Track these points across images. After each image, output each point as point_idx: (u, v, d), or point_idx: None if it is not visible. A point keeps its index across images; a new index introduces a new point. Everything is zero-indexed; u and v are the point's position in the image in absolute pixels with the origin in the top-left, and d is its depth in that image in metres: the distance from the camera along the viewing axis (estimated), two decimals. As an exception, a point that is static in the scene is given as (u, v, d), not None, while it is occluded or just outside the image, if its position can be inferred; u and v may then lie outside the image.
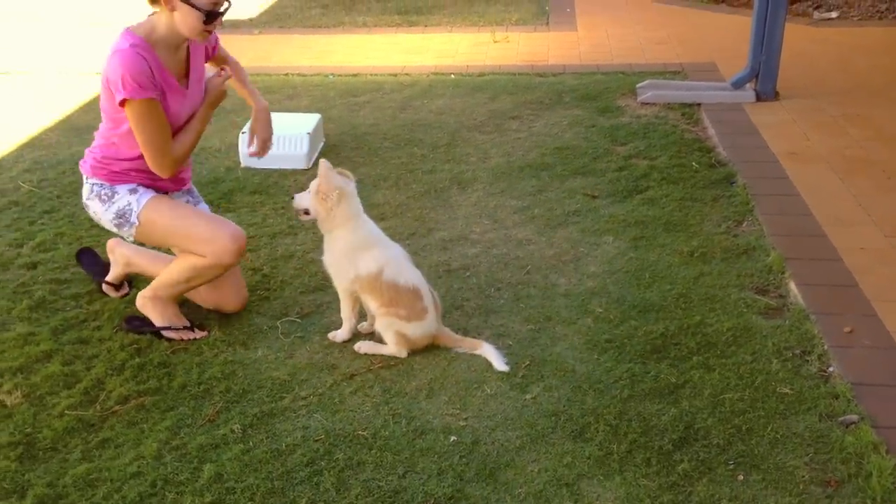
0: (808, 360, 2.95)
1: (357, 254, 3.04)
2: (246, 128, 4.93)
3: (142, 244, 3.43)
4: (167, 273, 3.24)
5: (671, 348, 3.05)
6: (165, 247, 3.30)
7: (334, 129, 5.38)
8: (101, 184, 3.18)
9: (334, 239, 3.08)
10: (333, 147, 5.11)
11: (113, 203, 3.16)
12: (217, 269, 3.14)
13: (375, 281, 3.01)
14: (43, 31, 8.13)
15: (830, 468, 2.45)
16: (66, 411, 2.81)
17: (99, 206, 3.19)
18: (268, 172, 4.75)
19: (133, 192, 3.17)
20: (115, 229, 3.22)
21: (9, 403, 2.85)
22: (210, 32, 3.00)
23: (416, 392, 2.88)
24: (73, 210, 4.32)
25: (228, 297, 3.35)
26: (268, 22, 8.34)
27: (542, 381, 2.90)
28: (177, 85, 3.05)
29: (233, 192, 4.52)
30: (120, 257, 3.48)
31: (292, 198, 3.14)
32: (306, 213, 3.09)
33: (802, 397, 2.75)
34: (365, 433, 2.67)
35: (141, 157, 3.07)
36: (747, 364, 2.94)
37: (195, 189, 3.47)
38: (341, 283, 3.12)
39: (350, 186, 3.05)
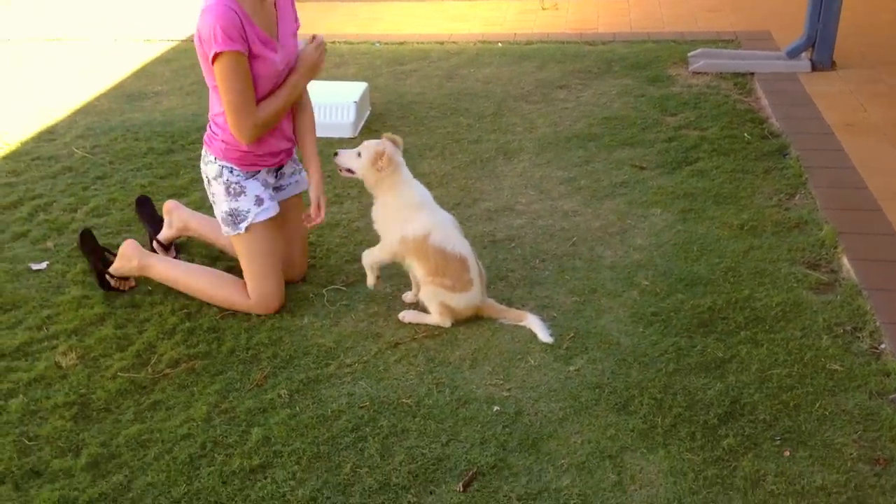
0: (859, 337, 2.89)
1: (405, 215, 3.05)
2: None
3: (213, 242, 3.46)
4: (196, 281, 3.25)
5: (718, 322, 3.01)
6: (236, 256, 3.28)
7: (380, 97, 5.37)
8: (232, 170, 3.13)
9: (383, 202, 3.09)
10: (379, 116, 5.11)
11: (236, 201, 3.13)
12: (242, 310, 3.20)
13: (422, 244, 3.02)
14: (95, -2, 8.24)
15: (879, 446, 2.42)
16: (118, 373, 2.89)
17: (223, 193, 3.15)
18: (314, 141, 4.77)
19: (259, 201, 3.15)
20: (218, 217, 3.22)
21: (64, 365, 2.93)
22: None
23: (460, 362, 2.89)
24: (124, 176, 4.40)
25: (294, 266, 3.39)
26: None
27: (586, 353, 2.89)
28: (268, 38, 2.99)
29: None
30: (177, 220, 3.52)
31: (336, 153, 3.14)
32: (349, 171, 3.10)
33: (852, 374, 2.70)
34: (409, 401, 2.70)
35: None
36: (796, 340, 2.89)
37: (296, 156, 3.44)
38: (387, 242, 3.12)
39: (398, 155, 3.05)
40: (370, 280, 3.20)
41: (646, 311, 3.11)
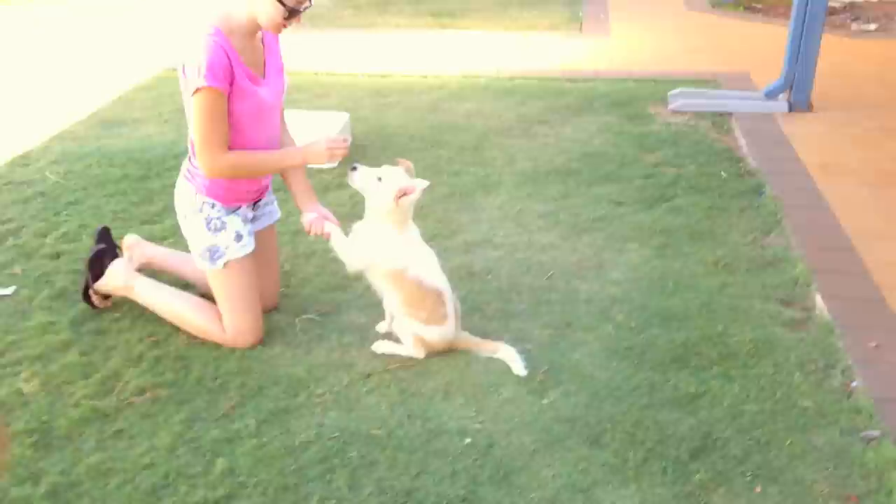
0: (831, 374, 2.89)
1: (389, 248, 3.00)
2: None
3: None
4: (178, 305, 3.21)
5: (692, 357, 3.00)
6: (210, 292, 3.21)
7: (362, 128, 5.38)
8: (214, 204, 3.09)
9: (377, 228, 3.02)
10: (360, 147, 5.11)
11: (216, 236, 3.09)
12: (217, 341, 3.15)
13: (399, 275, 2.99)
14: (76, 24, 8.24)
15: (850, 483, 2.40)
16: (82, 401, 2.82)
17: (202, 228, 3.09)
18: (294, 170, 4.75)
19: (238, 238, 3.12)
20: (193, 252, 3.15)
21: (26, 391, 2.87)
22: (287, 26, 2.92)
23: (433, 393, 2.86)
24: (97, 202, 4.36)
25: (266, 295, 3.34)
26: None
27: (559, 386, 2.86)
28: (255, 75, 2.98)
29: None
30: (139, 256, 3.43)
31: (355, 167, 3.02)
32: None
33: (824, 411, 2.69)
34: (379, 432, 2.66)
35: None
36: (769, 376, 2.89)
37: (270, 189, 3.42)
38: (354, 259, 3.05)
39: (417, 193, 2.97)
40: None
41: (620, 345, 3.09)
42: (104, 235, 3.45)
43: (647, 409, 2.73)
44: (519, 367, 2.94)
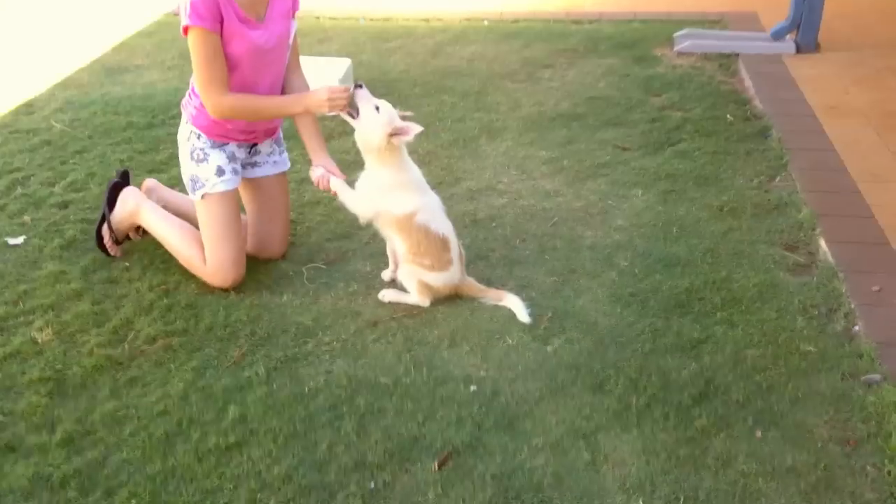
0: (833, 319, 2.91)
1: (395, 193, 3.02)
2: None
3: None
4: (170, 232, 3.25)
5: (695, 303, 3.03)
6: (194, 223, 3.26)
7: (364, 74, 5.34)
8: (200, 135, 3.15)
9: (377, 173, 3.04)
10: (363, 93, 5.07)
11: (198, 167, 3.15)
12: (199, 275, 3.20)
13: (408, 221, 3.01)
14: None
15: (850, 427, 2.44)
16: (95, 349, 2.87)
17: (187, 157, 3.18)
18: (297, 117, 4.73)
19: (220, 172, 3.15)
20: (183, 177, 3.24)
21: (40, 340, 2.91)
22: None
23: (438, 341, 2.90)
24: (104, 150, 4.36)
25: (273, 244, 3.39)
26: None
27: (563, 333, 2.90)
28: (247, 17, 2.96)
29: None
30: (157, 200, 3.47)
31: (360, 85, 2.99)
32: (354, 114, 3.00)
33: (826, 356, 2.73)
34: (386, 380, 2.70)
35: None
36: (772, 321, 2.92)
37: (281, 138, 3.43)
38: (362, 210, 3.07)
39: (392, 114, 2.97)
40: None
41: (624, 291, 3.12)
42: (124, 175, 3.52)
43: (651, 355, 2.77)
44: (523, 315, 2.97)
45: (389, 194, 3.02)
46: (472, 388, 2.66)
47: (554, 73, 5.33)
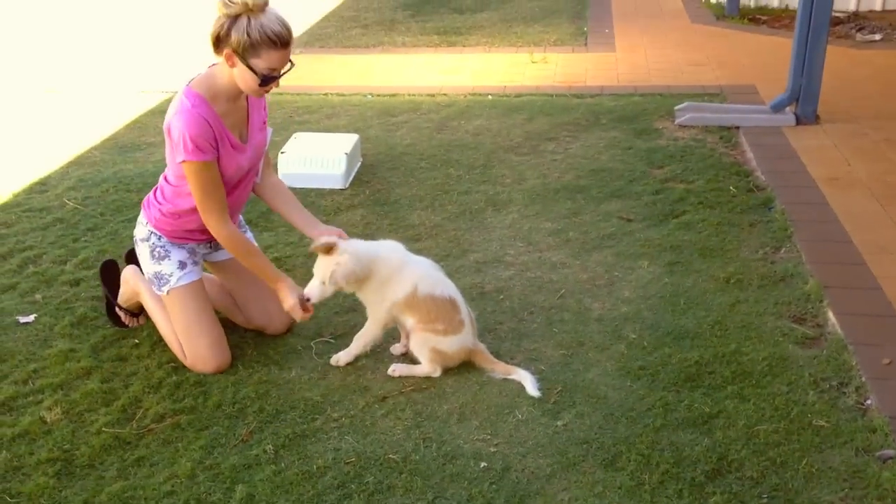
0: (845, 392, 2.90)
1: (387, 284, 3.07)
2: (285, 147, 5.01)
3: None
4: (162, 321, 3.29)
5: (705, 377, 3.02)
6: (170, 323, 3.28)
7: (371, 148, 5.43)
8: (160, 236, 3.22)
9: (365, 286, 3.11)
10: (370, 167, 5.16)
11: (160, 264, 3.21)
12: (185, 364, 3.22)
13: (412, 299, 3.04)
14: (91, 51, 8.33)
15: (867, 504, 2.41)
16: (103, 428, 2.86)
17: (148, 257, 3.24)
18: (306, 191, 4.81)
19: (182, 265, 3.22)
20: (146, 275, 3.29)
21: (48, 420, 2.91)
22: (267, 91, 3.02)
23: (448, 416, 2.89)
24: (115, 227, 4.41)
25: (272, 319, 3.40)
26: (308, 42, 8.46)
27: (573, 407, 2.89)
28: (236, 141, 3.07)
29: (270, 211, 4.55)
30: (134, 287, 3.47)
31: (308, 299, 3.11)
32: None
33: (839, 430, 2.71)
34: (395, 457, 2.68)
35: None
36: (783, 395, 2.90)
37: (242, 220, 3.51)
38: (376, 314, 3.14)
39: (354, 262, 3.02)
40: (352, 357, 3.21)
41: (633, 364, 3.12)
42: (109, 269, 3.60)
43: (662, 429, 2.75)
44: (533, 389, 2.96)
45: (384, 287, 3.07)
46: (483, 464, 2.63)
47: (557, 145, 5.42)
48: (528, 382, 2.99)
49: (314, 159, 4.88)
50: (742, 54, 7.32)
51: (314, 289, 3.07)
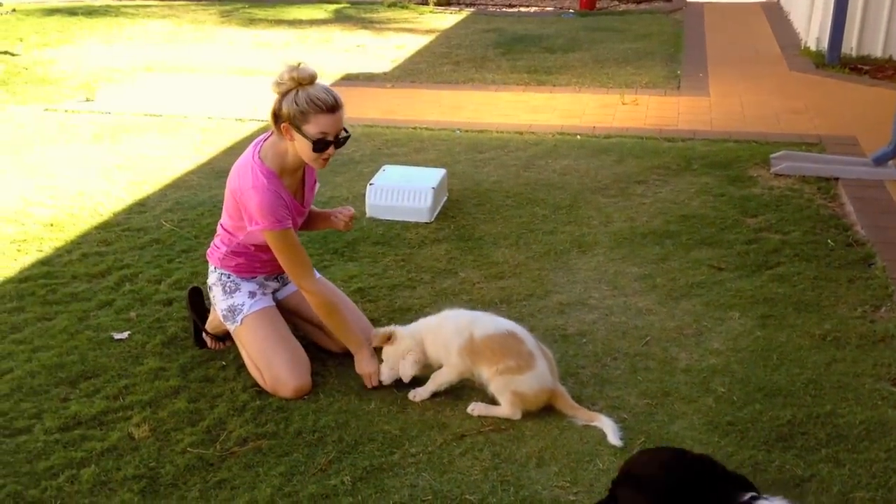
0: (950, 464, 2.74)
1: (450, 344, 3.16)
2: (374, 179, 5.08)
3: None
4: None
5: (798, 437, 2.90)
6: (246, 351, 3.37)
7: (458, 184, 5.46)
8: (229, 275, 3.40)
9: (426, 344, 3.24)
10: (456, 202, 5.18)
11: (232, 297, 3.36)
12: (267, 390, 3.28)
13: (472, 345, 3.09)
14: (193, 79, 8.67)
15: (974, 588, 2.26)
16: (188, 448, 2.92)
17: (220, 294, 3.39)
18: (391, 224, 4.86)
19: (252, 295, 3.37)
20: (221, 319, 3.40)
21: (137, 436, 2.99)
22: (326, 160, 3.20)
23: (526, 459, 2.84)
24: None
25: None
26: (400, 77, 8.61)
27: (657, 460, 2.80)
28: (297, 205, 3.31)
29: (357, 242, 4.64)
30: None
31: (380, 382, 3.28)
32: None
33: (943, 505, 2.56)
34: (472, 498, 2.65)
35: (263, 248, 3.28)
36: (881, 462, 2.76)
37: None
38: (450, 363, 3.19)
39: (412, 358, 3.22)
40: (429, 394, 3.24)
41: (721, 419, 3.01)
42: (195, 291, 3.72)
43: (751, 490, 2.64)
44: (615, 438, 2.90)
45: (449, 348, 3.15)
46: (561, 513, 2.58)
47: (647, 189, 5.34)
48: (611, 431, 2.92)
49: (401, 192, 4.94)
50: (842, 104, 7.11)
51: (385, 374, 3.27)
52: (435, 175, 5.13)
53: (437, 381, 3.20)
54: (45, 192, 5.39)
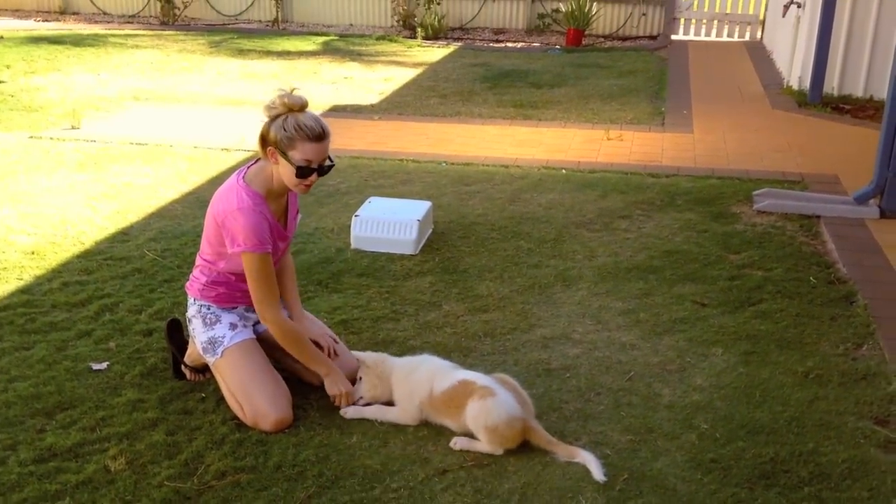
0: (933, 504, 2.73)
1: (408, 392, 3.24)
2: (359, 211, 5.08)
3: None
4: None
5: (781, 475, 2.89)
6: (226, 384, 3.33)
7: (443, 216, 5.47)
8: (209, 306, 3.38)
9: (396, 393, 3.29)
10: (441, 235, 5.19)
11: (213, 329, 3.34)
12: (247, 423, 3.24)
13: (432, 400, 3.17)
14: (180, 109, 8.68)
15: None
16: (165, 482, 2.87)
17: (200, 326, 3.37)
18: (376, 256, 4.85)
19: (233, 327, 3.36)
20: (201, 352, 3.37)
21: (113, 469, 2.93)
22: (308, 186, 3.21)
23: (509, 495, 2.81)
24: (190, 280, 4.50)
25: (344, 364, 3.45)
26: (387, 109, 8.66)
27: (640, 497, 2.78)
28: (281, 230, 3.32)
29: (341, 273, 4.62)
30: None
31: (346, 412, 3.31)
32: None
33: (926, 545, 2.55)
34: (454, 535, 2.62)
35: (244, 277, 3.25)
36: (864, 501, 2.75)
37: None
38: (406, 411, 3.25)
39: (378, 365, 3.32)
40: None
41: (704, 456, 3.00)
42: (174, 323, 3.67)
43: (734, 529, 2.62)
44: (598, 473, 2.87)
45: (413, 397, 3.23)
46: (543, 551, 2.55)
47: (630, 224, 5.37)
48: (594, 466, 2.90)
49: (387, 224, 4.94)
50: (824, 143, 7.20)
51: (358, 390, 3.33)
52: (420, 207, 5.13)
53: (380, 413, 3.27)
54: (28, 219, 5.35)
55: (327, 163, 3.19)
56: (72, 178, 6.22)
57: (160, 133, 7.55)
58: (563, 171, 6.52)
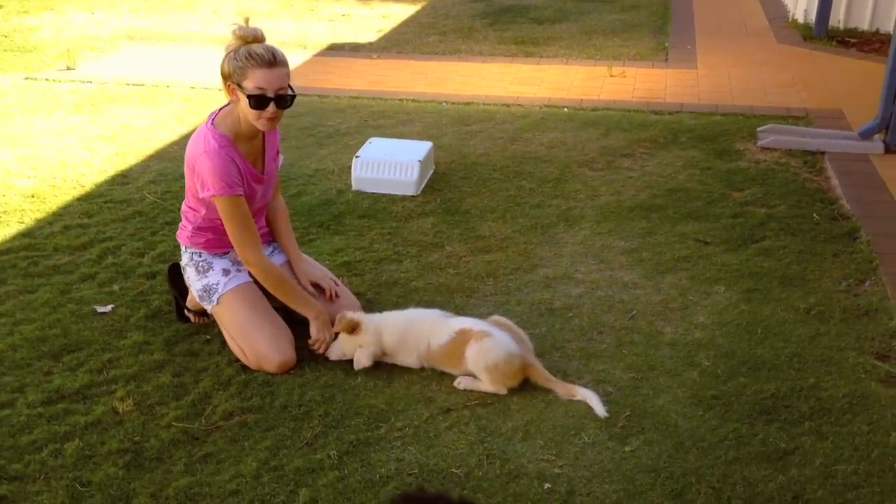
0: (931, 437, 2.77)
1: (405, 348, 3.22)
2: (360, 152, 5.04)
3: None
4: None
5: (782, 410, 2.92)
6: (227, 330, 3.33)
7: (444, 156, 5.43)
8: (200, 253, 3.37)
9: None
10: (443, 175, 5.15)
11: (206, 277, 3.33)
12: (250, 365, 3.24)
13: (430, 353, 3.18)
14: (176, 48, 8.55)
15: (953, 559, 2.29)
16: (173, 423, 2.91)
17: (194, 274, 3.36)
18: (377, 197, 4.83)
19: (226, 272, 3.34)
20: (198, 300, 3.36)
21: (121, 410, 2.97)
22: (271, 120, 3.10)
23: (512, 433, 2.85)
24: (191, 223, 4.49)
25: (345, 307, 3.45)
26: (386, 47, 8.52)
27: (642, 433, 2.82)
28: (255, 173, 3.25)
29: (342, 215, 4.61)
30: None
31: (327, 357, 3.29)
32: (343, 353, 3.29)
33: (924, 477, 2.59)
34: (458, 471, 2.66)
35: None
36: (864, 434, 2.79)
37: (276, 246, 3.60)
38: (408, 363, 3.25)
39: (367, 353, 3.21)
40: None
41: (706, 393, 3.03)
42: (175, 271, 3.63)
43: (735, 463, 2.66)
44: (600, 409, 2.91)
45: (410, 351, 3.23)
46: (547, 485, 2.59)
47: (633, 162, 5.33)
48: (595, 402, 2.94)
49: (387, 166, 4.90)
50: (829, 77, 7.10)
51: (334, 352, 3.27)
52: (421, 148, 5.09)
53: (394, 358, 3.27)
54: (27, 162, 5.31)
55: (288, 93, 3.10)
56: (69, 120, 6.16)
57: (156, 73, 7.44)
58: (566, 109, 6.44)
